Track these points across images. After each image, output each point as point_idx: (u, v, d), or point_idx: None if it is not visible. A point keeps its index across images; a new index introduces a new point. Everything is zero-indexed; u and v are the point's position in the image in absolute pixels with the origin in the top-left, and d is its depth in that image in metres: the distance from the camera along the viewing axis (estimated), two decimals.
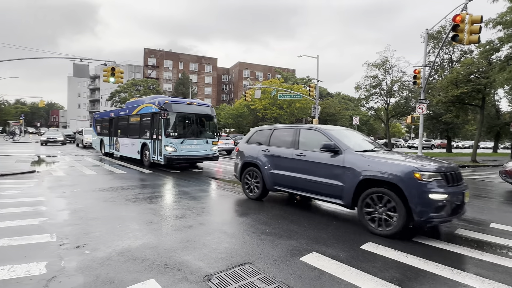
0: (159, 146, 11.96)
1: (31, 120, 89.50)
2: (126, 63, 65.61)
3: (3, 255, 3.59)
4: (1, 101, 53.44)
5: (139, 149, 13.62)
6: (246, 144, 7.42)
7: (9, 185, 8.08)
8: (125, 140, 15.37)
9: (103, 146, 18.60)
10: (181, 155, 11.81)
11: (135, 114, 14.39)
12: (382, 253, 3.91)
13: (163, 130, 11.61)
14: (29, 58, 17.90)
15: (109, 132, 17.55)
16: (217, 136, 13.42)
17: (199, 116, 12.70)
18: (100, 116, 20.07)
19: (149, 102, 13.38)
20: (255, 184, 6.97)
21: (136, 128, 14.26)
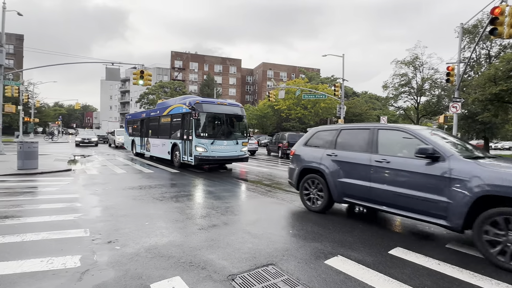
0: (190, 147, 11.91)
1: (68, 121, 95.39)
2: (154, 66, 68.10)
3: (43, 247, 3.85)
4: (42, 104, 57.38)
5: (170, 150, 13.65)
6: (305, 147, 6.44)
7: (49, 182, 8.65)
8: (155, 140, 15.50)
9: (134, 146, 18.92)
10: (211, 156, 11.70)
11: (165, 114, 14.45)
12: (412, 259, 3.74)
13: (194, 131, 11.57)
14: (67, 63, 19.06)
15: (140, 132, 17.89)
16: (247, 137, 13.28)
17: (230, 116, 12.58)
18: (131, 117, 20.51)
19: (179, 103, 13.38)
20: (317, 195, 5.96)
21: (166, 128, 14.31)
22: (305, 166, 6.21)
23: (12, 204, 6.03)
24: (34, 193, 7.34)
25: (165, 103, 16.17)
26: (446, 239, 4.58)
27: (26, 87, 42.99)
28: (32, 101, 42.50)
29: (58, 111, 77.71)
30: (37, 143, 11.14)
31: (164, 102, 16.73)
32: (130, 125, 20.28)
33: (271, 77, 73.28)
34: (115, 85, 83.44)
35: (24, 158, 10.54)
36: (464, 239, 4.58)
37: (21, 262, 3.37)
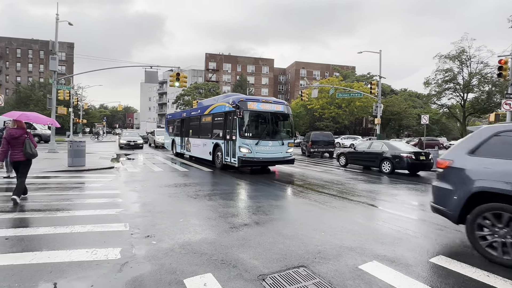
0: (233, 148, 11.29)
1: (111, 122, 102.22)
2: (189, 68, 70.52)
3: (88, 239, 4.15)
4: (89, 106, 62.10)
5: (211, 150, 13.10)
6: (474, 157, 4.03)
7: (94, 179, 9.33)
8: (196, 140, 15.12)
9: (175, 146, 18.77)
10: (256, 158, 11.05)
11: (207, 113, 13.96)
12: (456, 269, 3.46)
13: (238, 130, 10.93)
14: (111, 68, 20.41)
15: (180, 132, 17.70)
16: (293, 137, 12.54)
17: (275, 115, 11.82)
18: (172, 116, 20.41)
19: (222, 101, 12.82)
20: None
21: (208, 128, 13.85)
22: (481, 189, 3.77)
23: (63, 198, 6.59)
24: (81, 188, 7.96)
25: (206, 102, 15.79)
26: None
27: (76, 91, 46.80)
28: (81, 104, 46.15)
29: (103, 112, 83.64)
30: (84, 142, 12.07)
31: (206, 101, 16.33)
32: (171, 125, 20.13)
33: (304, 76, 72.30)
34: (153, 87, 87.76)
35: (74, 156, 11.47)
36: None
37: (69, 251, 3.67)
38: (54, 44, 18.41)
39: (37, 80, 59.08)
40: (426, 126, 24.93)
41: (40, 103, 46.04)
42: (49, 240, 4.06)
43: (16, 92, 53.50)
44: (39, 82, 55.68)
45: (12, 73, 64.28)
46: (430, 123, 37.42)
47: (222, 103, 12.67)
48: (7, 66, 63.92)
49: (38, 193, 7.05)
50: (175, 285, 2.95)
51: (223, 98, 13.45)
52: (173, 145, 19.13)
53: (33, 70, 65.26)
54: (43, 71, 64.42)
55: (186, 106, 56.27)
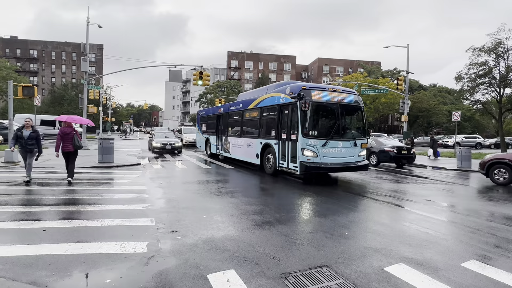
0: (292, 150, 9.09)
1: (137, 120, 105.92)
2: (211, 67, 71.42)
3: (117, 232, 4.35)
4: (117, 105, 64.78)
5: (259, 152, 10.99)
6: None
7: (122, 175, 9.74)
8: (238, 140, 12.92)
9: (209, 146, 16.79)
10: (323, 163, 8.67)
11: (252, 108, 11.72)
12: (490, 275, 3.27)
13: (300, 128, 8.61)
14: (138, 68, 21.16)
15: (216, 130, 15.55)
16: (366, 136, 9.97)
17: (345, 108, 9.37)
18: (205, 113, 18.26)
19: (274, 91, 10.58)
20: None
21: (254, 125, 11.75)
22: None
23: (94, 193, 6.94)
24: (110, 184, 8.34)
25: (249, 95, 13.71)
26: None
27: (105, 91, 48.97)
28: (109, 103, 48.23)
29: (130, 111, 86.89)
30: (113, 139, 12.61)
31: (249, 93, 14.23)
32: (204, 122, 17.99)
33: (327, 72, 70.94)
34: (177, 86, 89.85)
35: (103, 153, 12.02)
36: None
37: (100, 244, 3.86)
38: (85, 46, 19.34)
39: (70, 80, 62.41)
40: (458, 123, 23.65)
41: (73, 102, 48.56)
42: (82, 233, 4.30)
43: (51, 92, 56.84)
44: (72, 83, 58.78)
45: (48, 74, 68.30)
46: (462, 120, 35.44)
47: (274, 94, 10.39)
48: (43, 68, 68.01)
49: (71, 188, 7.48)
50: (199, 280, 3.02)
51: (275, 88, 11.12)
52: (207, 145, 17.14)
53: (66, 71, 68.97)
54: (75, 72, 67.91)
55: (209, 104, 57.07)
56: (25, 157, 7.88)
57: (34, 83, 59.69)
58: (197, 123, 19.61)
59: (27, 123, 7.86)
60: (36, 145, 7.84)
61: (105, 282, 2.92)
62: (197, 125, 19.68)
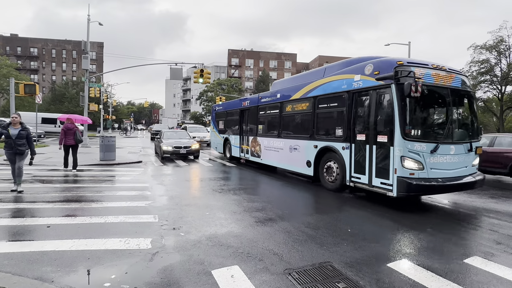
0: (380, 158, 5.99)
1: (138, 118, 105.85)
2: (212, 65, 71.35)
3: (121, 229, 4.37)
4: (118, 103, 64.78)
5: (312, 159, 8.05)
6: None
7: (124, 172, 9.76)
8: (274, 141, 10.03)
9: (228, 147, 14.02)
10: (433, 179, 5.67)
11: (300, 98, 8.81)
12: (494, 271, 3.28)
13: (399, 125, 5.56)
14: (139, 66, 21.15)
15: (239, 129, 12.82)
16: (479, 136, 6.82)
17: (457, 94, 6.37)
18: (223, 107, 15.25)
19: (340, 73, 7.33)
20: None
21: (303, 122, 8.83)
22: None
23: (97, 190, 6.96)
24: (112, 181, 8.36)
25: (288, 82, 10.50)
26: None
27: (106, 88, 48.95)
28: (110, 101, 48.24)
29: (130, 109, 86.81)
30: (114, 137, 12.63)
31: (285, 80, 11.23)
32: (221, 119, 15.12)
33: None
34: (177, 84, 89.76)
35: (105, 150, 12.05)
36: None
37: (104, 240, 3.88)
38: (86, 44, 19.32)
39: (70, 78, 62.39)
40: None
41: (74, 100, 48.59)
42: (86, 229, 4.32)
43: (51, 90, 56.86)
44: (72, 81, 58.76)
45: (48, 72, 68.28)
46: None
47: (341, 77, 7.24)
48: (43, 66, 67.98)
49: (74, 185, 7.51)
50: (204, 275, 3.04)
51: (340, 68, 7.67)
52: (226, 147, 14.37)
53: (66, 69, 68.93)
54: (75, 70, 67.86)
55: (210, 102, 57.00)
56: (13, 160, 6.45)
57: (35, 81, 59.68)
58: (211, 120, 16.88)
59: (14, 120, 6.45)
60: (27, 146, 6.53)
61: (110, 278, 2.94)
62: (211, 122, 16.91)
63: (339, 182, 7.20)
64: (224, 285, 2.85)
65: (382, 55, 6.68)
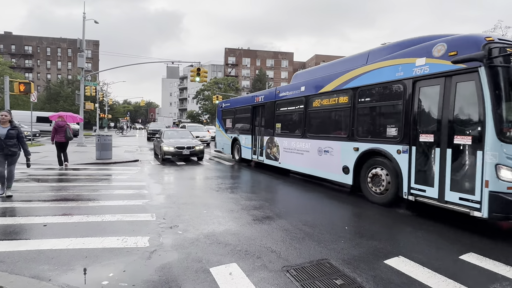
0: (462, 166, 4.71)
1: (134, 117, 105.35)
2: (208, 63, 71.15)
3: (118, 227, 4.35)
4: (114, 102, 64.41)
5: (351, 164, 6.70)
6: None
7: (120, 171, 9.71)
8: (297, 142, 8.64)
9: (237, 148, 12.80)
10: None
11: (333, 91, 7.38)
12: (489, 267, 3.32)
13: (490, 120, 4.33)
14: (135, 64, 21.01)
15: (251, 127, 11.56)
16: None
17: None
18: (231, 104, 13.81)
19: (397, 56, 5.92)
20: None
21: (336, 119, 7.46)
22: None
23: (93, 189, 6.92)
24: (109, 180, 8.32)
25: (319, 71, 8.60)
26: None
27: (101, 87, 48.61)
28: (106, 99, 47.93)
29: (126, 108, 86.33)
30: (111, 136, 12.56)
31: (314, 70, 9.10)
32: (228, 117, 13.79)
33: None
34: (174, 83, 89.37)
35: (101, 149, 11.97)
36: None
37: (102, 239, 3.87)
38: (81, 42, 19.17)
39: (66, 77, 61.87)
40: None
41: (69, 99, 48.19)
42: (83, 228, 4.30)
43: (46, 89, 56.35)
44: (68, 79, 58.28)
45: (43, 70, 67.63)
46: None
47: (396, 62, 5.90)
48: (38, 64, 67.30)
49: (70, 184, 7.46)
50: (202, 273, 3.04)
51: (392, 50, 6.27)
52: (234, 147, 13.12)
53: (61, 68, 68.32)
54: (71, 69, 67.29)
55: (206, 101, 56.84)
56: (3, 162, 5.89)
57: (29, 80, 59.15)
58: (217, 118, 15.49)
59: (3, 118, 5.89)
60: (18, 146, 6.09)
61: (108, 276, 2.93)
62: (217, 121, 15.54)
63: (390, 194, 5.83)
64: (223, 282, 2.86)
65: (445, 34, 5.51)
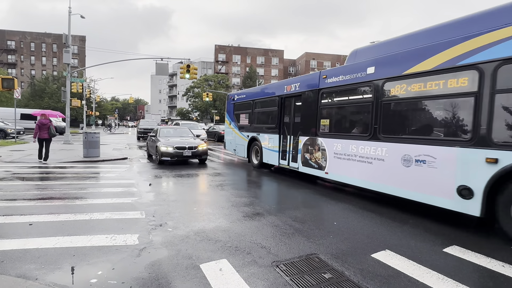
0: None
1: (123, 114, 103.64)
2: (198, 60, 70.50)
3: (107, 225, 4.30)
4: (101, 98, 63.10)
5: (477, 185, 4.19)
6: None
7: (109, 169, 9.57)
8: (361, 145, 6.21)
9: (255, 150, 10.52)
10: None
11: (435, 69, 4.84)
12: (470, 259, 3.45)
13: None
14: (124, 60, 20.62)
15: (279, 125, 9.15)
16: None
17: None
18: (247, 96, 11.36)
19: None
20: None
21: (440, 112, 4.97)
22: None
23: (81, 187, 6.81)
24: (97, 178, 8.19)
25: (402, 42, 5.83)
26: None
27: (88, 84, 47.56)
28: (93, 96, 46.92)
29: (114, 105, 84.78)
30: (99, 133, 12.33)
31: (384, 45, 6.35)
32: (244, 112, 11.36)
33: (314, 67, 71.34)
34: (163, 80, 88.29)
35: (89, 147, 11.75)
36: None
37: (90, 237, 3.82)
38: (67, 37, 18.69)
39: (51, 73, 60.25)
40: None
41: (54, 95, 47.02)
42: (70, 226, 4.23)
43: (31, 85, 54.77)
44: (53, 75, 56.79)
45: (27, 66, 65.68)
46: None
47: None
48: (22, 60, 65.31)
49: (57, 182, 7.30)
50: (192, 269, 3.05)
51: None
52: (252, 149, 10.72)
53: (46, 64, 66.49)
54: (56, 64, 65.56)
55: (196, 98, 56.38)
56: None
57: (13, 76, 57.41)
58: (227, 113, 12.93)
59: None
60: None
61: (97, 274, 2.91)
62: (226, 116, 12.92)
63: None
64: (213, 278, 2.88)
65: None
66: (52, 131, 10.37)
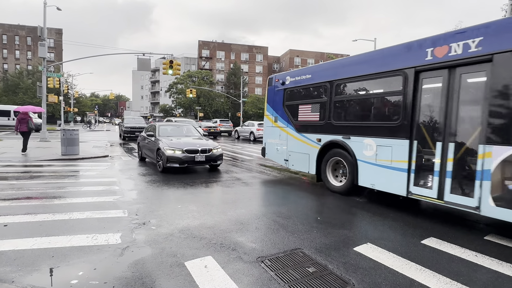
0: None
1: (103, 110, 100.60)
2: (182, 56, 69.37)
3: (87, 225, 4.18)
4: (80, 94, 60.89)
5: None
6: None
7: (89, 167, 9.28)
8: None
9: (335, 165, 6.69)
10: None
11: None
12: (446, 250, 3.61)
13: None
14: (103, 55, 19.98)
15: (410, 122, 4.95)
16: None
17: None
18: (313, 77, 7.20)
19: None
20: None
21: None
22: None
23: (59, 186, 6.57)
24: (77, 176, 7.93)
25: None
26: (485, 231, 4.35)
27: (66, 79, 45.73)
28: (71, 92, 45.19)
29: (94, 101, 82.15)
30: (78, 130, 11.92)
31: None
32: (306, 102, 7.41)
33: (298, 64, 71.81)
34: (145, 76, 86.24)
35: (67, 144, 11.34)
36: (505, 232, 4.32)
37: (70, 237, 3.70)
38: (42, 30, 17.87)
39: (25, 67, 57.47)
40: None
41: (29, 91, 44.88)
42: (48, 227, 4.08)
43: (3, 80, 52.05)
44: (27, 70, 54.20)
45: None
46: None
47: None
48: None
49: (33, 181, 7.01)
50: (177, 267, 3.02)
51: None
52: (329, 163, 6.73)
53: (20, 57, 63.31)
54: (31, 58, 62.53)
55: (180, 95, 55.48)
56: None
57: None
58: (269, 106, 8.79)
59: None
60: None
61: (77, 275, 2.83)
62: (268, 110, 8.84)
63: None
64: (198, 275, 2.87)
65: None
66: (30, 125, 11.47)
